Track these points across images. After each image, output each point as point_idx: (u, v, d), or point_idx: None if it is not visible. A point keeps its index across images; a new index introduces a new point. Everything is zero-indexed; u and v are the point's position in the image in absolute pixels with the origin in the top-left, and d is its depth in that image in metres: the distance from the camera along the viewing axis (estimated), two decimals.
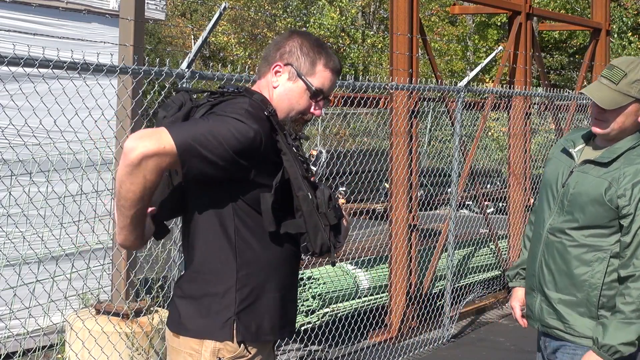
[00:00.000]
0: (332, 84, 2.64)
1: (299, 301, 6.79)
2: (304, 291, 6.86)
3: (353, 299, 7.16)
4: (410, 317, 7.25)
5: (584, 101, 10.30)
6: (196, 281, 2.56)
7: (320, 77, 2.61)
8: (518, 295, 3.60)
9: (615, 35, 23.65)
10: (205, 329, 2.51)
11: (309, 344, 6.55)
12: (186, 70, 4.92)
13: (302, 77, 2.59)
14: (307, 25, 26.52)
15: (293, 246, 2.58)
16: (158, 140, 2.30)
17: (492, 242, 8.86)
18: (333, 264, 2.67)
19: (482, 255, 8.84)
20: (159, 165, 2.31)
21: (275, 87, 2.61)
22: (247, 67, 6.03)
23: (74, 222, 5.19)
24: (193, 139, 2.34)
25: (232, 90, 2.57)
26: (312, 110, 2.63)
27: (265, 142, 2.44)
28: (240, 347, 2.51)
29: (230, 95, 2.56)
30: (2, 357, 5.76)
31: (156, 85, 5.73)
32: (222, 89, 2.61)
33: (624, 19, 24.26)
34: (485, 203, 9.14)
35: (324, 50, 2.63)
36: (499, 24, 25.37)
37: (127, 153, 2.30)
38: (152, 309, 5.62)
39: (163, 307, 5.73)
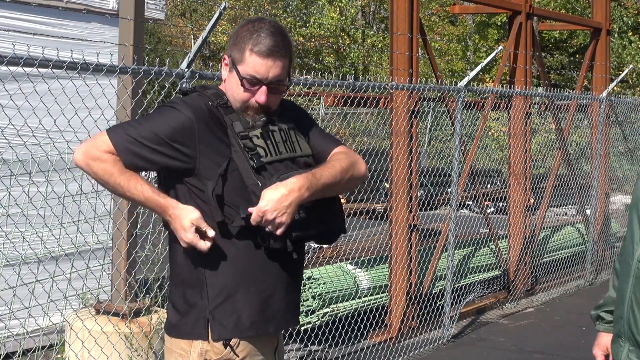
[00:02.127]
0: (266, 67, 2.52)
1: None
2: (304, 291, 6.85)
3: (353, 299, 7.15)
4: (410, 317, 7.24)
5: (584, 101, 10.29)
6: (175, 283, 2.63)
7: (249, 63, 2.54)
8: (601, 341, 3.10)
9: (616, 35, 23.64)
10: (184, 329, 2.57)
11: (309, 344, 6.55)
12: (186, 70, 4.92)
13: (235, 66, 2.56)
14: (307, 25, 26.52)
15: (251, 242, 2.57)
16: (95, 144, 2.49)
17: (492, 242, 8.85)
18: (290, 252, 2.57)
19: (482, 255, 8.83)
20: (104, 167, 2.48)
21: (223, 80, 2.64)
22: None
23: (73, 222, 5.18)
24: (127, 133, 2.49)
25: (192, 89, 2.64)
26: (254, 98, 2.56)
27: (199, 129, 2.49)
28: (226, 349, 2.53)
29: (189, 93, 2.62)
30: (1, 357, 5.75)
31: (156, 85, 5.72)
32: (190, 88, 2.67)
33: (624, 18, 24.25)
34: (486, 203, 9.13)
35: (255, 34, 2.54)
36: (499, 23, 25.36)
37: (74, 160, 2.54)
38: (151, 309, 5.61)
39: (162, 307, 5.72)
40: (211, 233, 2.47)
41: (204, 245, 2.47)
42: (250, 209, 2.47)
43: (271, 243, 2.50)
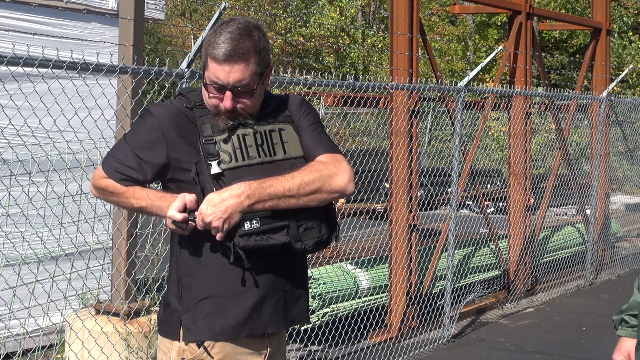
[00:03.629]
0: (224, 73, 2.48)
1: None
2: None
3: (353, 299, 7.15)
4: (410, 317, 7.24)
5: (584, 101, 10.29)
6: (167, 282, 2.72)
7: (210, 69, 2.52)
8: (623, 347, 2.99)
9: (616, 35, 23.64)
10: (166, 328, 2.63)
11: (309, 344, 6.55)
12: (186, 70, 4.91)
13: (203, 72, 2.57)
14: (307, 25, 26.52)
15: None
16: (96, 175, 2.65)
17: (492, 242, 8.85)
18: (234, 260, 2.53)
19: (482, 255, 8.83)
20: (107, 186, 2.61)
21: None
22: None
23: (73, 222, 5.18)
24: (114, 156, 2.62)
25: (178, 92, 2.69)
26: (222, 103, 2.54)
27: (167, 136, 2.53)
28: (199, 349, 2.55)
29: (177, 96, 2.68)
30: (1, 357, 5.75)
31: (156, 85, 5.72)
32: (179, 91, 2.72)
33: (624, 18, 24.25)
34: (486, 203, 9.13)
35: (214, 38, 2.50)
36: (499, 23, 25.36)
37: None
38: (151, 309, 5.61)
39: None
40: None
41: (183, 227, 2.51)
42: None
43: (212, 248, 2.52)
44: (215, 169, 2.48)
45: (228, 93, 2.51)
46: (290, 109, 2.68)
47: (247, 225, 2.45)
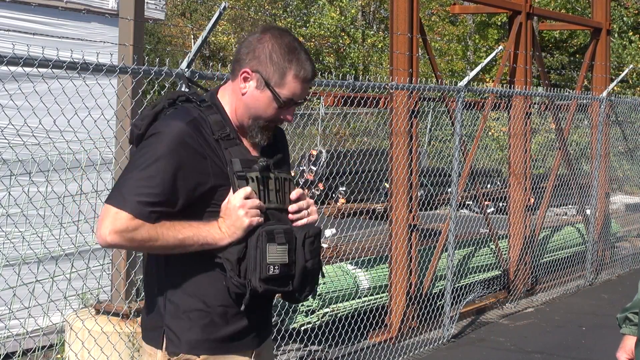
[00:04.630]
0: (303, 91, 2.54)
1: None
2: None
3: (353, 299, 7.15)
4: (410, 317, 7.24)
5: (584, 101, 10.29)
6: (145, 290, 2.64)
7: (290, 87, 2.51)
8: (626, 345, 3.03)
9: (616, 35, 23.64)
10: (147, 336, 2.59)
11: (309, 344, 6.55)
12: (186, 70, 4.91)
13: (270, 87, 2.51)
14: (307, 25, 26.52)
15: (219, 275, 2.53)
16: (115, 220, 2.37)
17: (492, 242, 8.85)
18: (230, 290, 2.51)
19: (482, 255, 8.83)
20: (133, 236, 2.38)
21: (243, 94, 2.54)
22: None
23: (73, 222, 5.18)
24: (134, 193, 2.38)
25: (186, 98, 2.57)
26: (283, 117, 2.56)
27: (194, 142, 2.44)
28: (190, 354, 2.52)
29: (179, 104, 2.55)
30: (1, 357, 5.75)
31: (156, 85, 5.73)
32: (180, 96, 2.59)
33: (624, 18, 24.25)
34: (486, 203, 9.13)
35: (295, 58, 2.51)
36: (499, 23, 25.36)
37: (100, 243, 2.42)
38: None
39: None
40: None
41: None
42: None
43: (231, 287, 2.48)
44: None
45: (293, 107, 2.56)
46: (283, 144, 2.75)
47: (271, 271, 2.45)
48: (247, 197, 2.46)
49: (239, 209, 2.44)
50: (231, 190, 2.47)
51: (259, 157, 2.56)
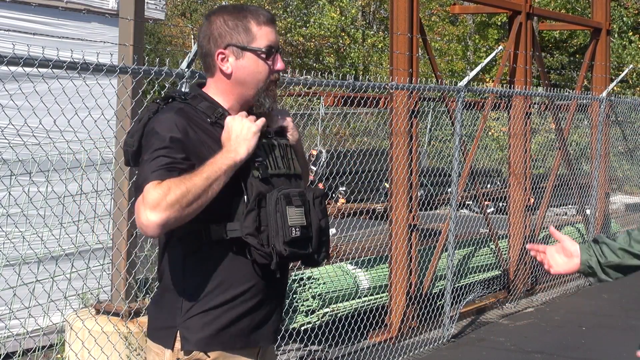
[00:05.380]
0: (273, 34, 2.58)
1: (299, 301, 6.79)
2: (304, 291, 6.85)
3: (353, 299, 7.15)
4: (410, 317, 7.24)
5: (584, 101, 10.30)
6: (158, 289, 2.64)
7: (261, 35, 2.55)
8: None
9: (616, 35, 23.64)
10: (156, 335, 2.57)
11: (309, 344, 6.55)
12: (186, 70, 4.91)
13: (247, 48, 2.55)
14: (307, 25, 26.52)
15: (242, 254, 2.52)
16: (146, 202, 2.33)
17: (492, 242, 8.85)
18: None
19: (482, 255, 8.83)
20: (169, 201, 2.33)
21: (230, 73, 2.56)
22: None
23: (73, 222, 5.18)
24: (154, 169, 2.38)
25: (171, 96, 2.58)
26: (275, 68, 2.58)
27: (189, 131, 2.45)
28: (202, 351, 2.51)
29: (169, 102, 2.56)
30: (1, 357, 5.75)
31: (156, 85, 5.73)
32: (169, 95, 2.60)
33: (624, 18, 24.25)
34: (486, 203, 9.13)
35: (246, 11, 2.57)
36: (499, 23, 25.36)
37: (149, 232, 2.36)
38: None
39: None
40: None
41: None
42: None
43: (257, 258, 2.48)
44: (263, 173, 2.50)
45: (278, 55, 2.59)
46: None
47: (293, 233, 2.46)
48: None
49: (237, 119, 2.47)
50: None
51: None
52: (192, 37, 26.75)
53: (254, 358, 2.60)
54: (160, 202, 2.31)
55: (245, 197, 2.47)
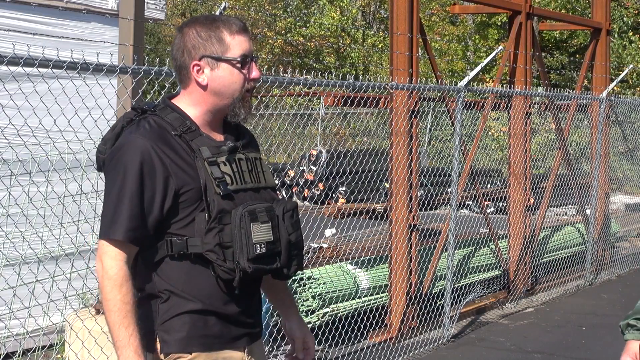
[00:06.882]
0: (247, 43, 2.58)
1: (298, 301, 6.79)
2: (304, 291, 6.86)
3: (353, 299, 7.15)
4: (410, 317, 7.24)
5: (584, 101, 10.30)
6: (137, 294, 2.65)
7: (235, 45, 2.55)
8: (630, 348, 2.99)
9: (616, 35, 23.64)
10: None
11: None
12: None
13: (222, 58, 2.54)
14: (308, 25, 26.52)
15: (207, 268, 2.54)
16: (106, 255, 2.46)
17: (492, 242, 8.85)
18: None
19: (482, 255, 8.83)
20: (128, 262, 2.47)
21: (206, 85, 2.56)
22: None
23: (73, 222, 5.18)
24: (124, 220, 2.44)
25: (142, 110, 2.58)
26: (250, 77, 2.58)
27: (158, 168, 2.47)
28: (182, 353, 2.53)
29: (135, 119, 2.56)
30: (1, 357, 5.75)
31: (156, 85, 5.73)
32: (136, 110, 2.59)
33: (624, 18, 24.27)
34: (486, 203, 9.13)
35: (218, 21, 2.57)
36: (499, 23, 25.37)
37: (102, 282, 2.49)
38: None
39: None
40: None
41: None
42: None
43: (221, 274, 2.49)
44: (224, 190, 2.49)
45: (253, 64, 2.59)
46: (251, 137, 2.76)
47: (257, 250, 2.47)
48: None
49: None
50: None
51: (225, 142, 2.58)
52: None
53: (240, 351, 2.62)
54: (112, 276, 2.45)
55: (207, 214, 2.48)
